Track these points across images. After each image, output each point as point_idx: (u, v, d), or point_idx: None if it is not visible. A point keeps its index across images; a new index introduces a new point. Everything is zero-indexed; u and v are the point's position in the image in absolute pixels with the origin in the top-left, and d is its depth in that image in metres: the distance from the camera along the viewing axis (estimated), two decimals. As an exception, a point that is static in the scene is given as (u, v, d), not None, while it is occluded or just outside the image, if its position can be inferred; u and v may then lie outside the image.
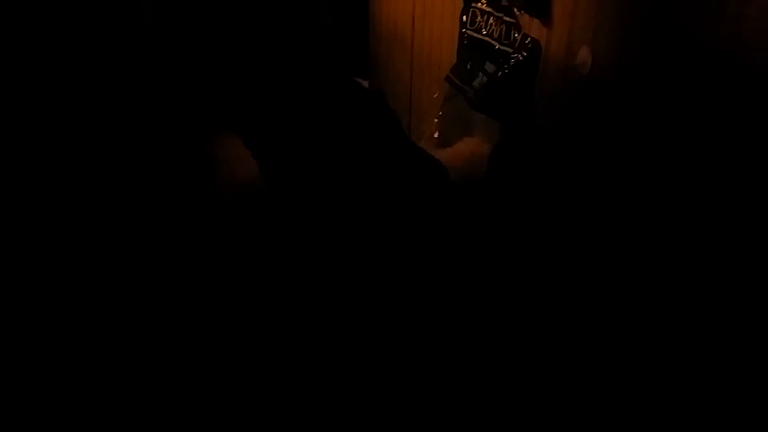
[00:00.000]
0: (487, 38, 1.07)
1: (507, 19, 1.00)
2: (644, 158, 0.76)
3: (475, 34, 1.10)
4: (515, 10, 0.98)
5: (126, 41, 0.67)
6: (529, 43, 0.95)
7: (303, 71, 0.75)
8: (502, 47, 1.02)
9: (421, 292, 0.75)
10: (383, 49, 1.71)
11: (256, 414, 0.60)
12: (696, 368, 0.71)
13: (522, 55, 0.95)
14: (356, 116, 0.78)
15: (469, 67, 1.11)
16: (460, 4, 1.13)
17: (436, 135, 1.17)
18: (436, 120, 1.18)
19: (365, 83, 1.74)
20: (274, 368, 0.62)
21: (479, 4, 1.08)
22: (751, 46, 0.59)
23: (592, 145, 0.85)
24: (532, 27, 0.95)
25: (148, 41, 0.69)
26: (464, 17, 1.12)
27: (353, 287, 0.69)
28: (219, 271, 0.60)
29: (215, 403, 0.58)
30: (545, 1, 0.90)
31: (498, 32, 1.03)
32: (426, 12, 1.39)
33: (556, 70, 0.90)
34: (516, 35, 0.98)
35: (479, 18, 1.09)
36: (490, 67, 1.05)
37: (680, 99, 0.70)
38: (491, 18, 1.05)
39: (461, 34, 1.14)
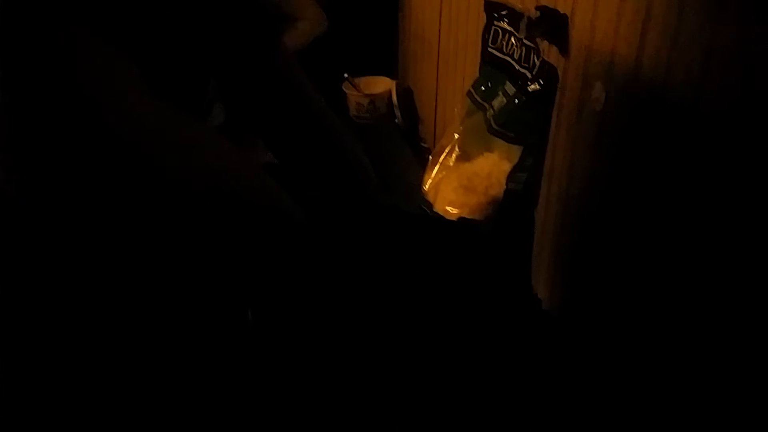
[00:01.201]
0: (507, 58, 1.07)
1: (527, 42, 1.01)
2: (655, 197, 0.77)
3: (496, 53, 1.10)
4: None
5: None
6: (547, 70, 0.95)
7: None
8: (522, 69, 1.02)
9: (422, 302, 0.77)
10: (411, 50, 1.72)
11: (256, 414, 0.63)
12: (697, 369, 0.73)
13: (539, 83, 0.96)
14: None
15: (489, 85, 1.12)
16: (484, 18, 1.13)
17: (456, 150, 1.18)
18: (457, 135, 1.19)
19: (394, 82, 1.75)
20: (274, 368, 0.65)
21: (502, 23, 1.08)
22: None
23: (606, 179, 0.86)
24: (551, 54, 0.95)
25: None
26: (486, 35, 1.12)
27: (352, 289, 0.71)
28: (220, 270, 0.61)
29: (215, 403, 0.61)
30: (562, 30, 0.90)
31: (518, 54, 1.04)
32: (452, 19, 1.40)
33: (571, 101, 0.91)
34: (536, 60, 0.99)
35: (501, 37, 1.09)
36: (509, 87, 1.05)
37: (687, 146, 0.70)
38: (512, 38, 1.06)
39: (483, 50, 1.14)
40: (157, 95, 0.50)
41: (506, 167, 1.07)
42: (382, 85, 1.76)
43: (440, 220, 0.91)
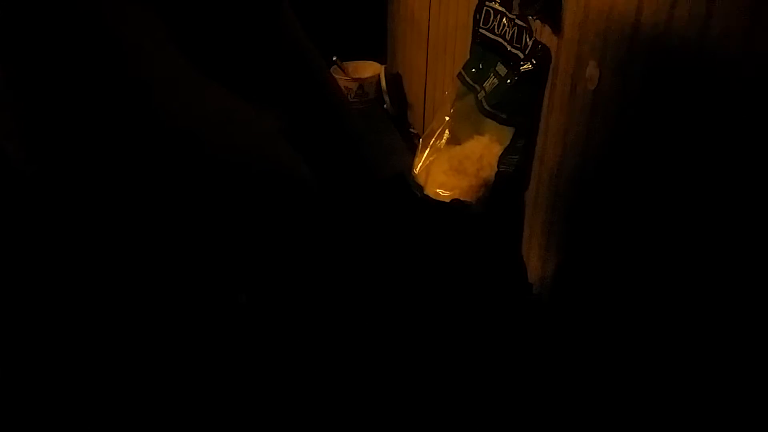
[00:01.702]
0: (499, 38, 1.06)
1: (519, 22, 0.99)
2: (648, 178, 0.76)
3: (487, 34, 1.09)
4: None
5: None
6: (539, 50, 0.94)
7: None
8: (514, 49, 1.01)
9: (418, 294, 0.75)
10: (401, 34, 1.70)
11: (256, 414, 0.61)
12: (697, 369, 0.73)
13: (532, 63, 0.95)
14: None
15: (480, 66, 1.10)
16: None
17: (446, 133, 1.17)
18: (447, 118, 1.17)
19: (382, 68, 1.73)
20: (274, 368, 0.64)
21: (493, 4, 1.07)
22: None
23: (598, 159, 0.85)
24: (544, 34, 0.94)
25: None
26: (477, 15, 1.11)
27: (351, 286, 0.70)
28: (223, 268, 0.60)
29: (215, 403, 0.60)
30: (556, 9, 0.89)
31: (510, 34, 1.03)
32: (442, 1, 1.38)
33: (564, 81, 0.90)
34: (528, 40, 0.97)
35: (492, 17, 1.07)
36: (501, 68, 1.04)
37: (685, 119, 0.70)
38: (504, 18, 1.04)
39: (474, 31, 1.13)
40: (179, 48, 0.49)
41: (497, 150, 1.06)
42: (370, 69, 1.74)
43: (431, 201, 0.90)
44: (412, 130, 1.68)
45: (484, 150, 1.08)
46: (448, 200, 1.04)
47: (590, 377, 0.92)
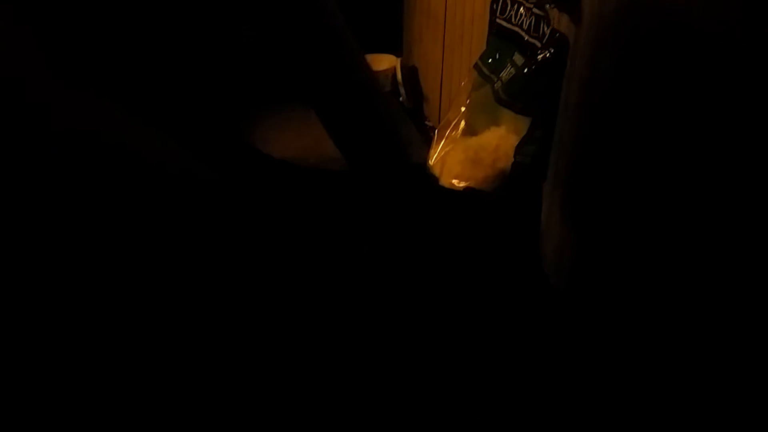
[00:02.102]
0: (516, 28, 1.05)
1: (536, 11, 0.99)
2: (669, 169, 0.75)
3: (504, 24, 1.08)
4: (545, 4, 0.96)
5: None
6: (557, 39, 0.93)
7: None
8: (531, 39, 1.01)
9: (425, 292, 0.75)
10: (416, 26, 1.69)
11: (256, 414, 0.61)
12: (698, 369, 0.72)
13: (549, 51, 0.94)
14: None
15: (497, 56, 1.10)
16: (492, -12, 1.11)
17: (462, 124, 1.16)
18: (463, 108, 1.17)
19: (398, 60, 1.73)
20: (274, 368, 0.64)
21: (510, -7, 1.06)
22: None
23: (617, 149, 0.84)
24: (561, 22, 0.93)
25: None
26: (494, 5, 1.10)
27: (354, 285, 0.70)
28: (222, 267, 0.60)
29: (215, 403, 0.60)
30: (574, -3, 0.88)
31: (528, 23, 1.02)
32: (459, -8, 1.37)
33: (582, 70, 0.89)
34: (545, 29, 0.97)
35: (509, 7, 1.07)
36: (518, 58, 1.03)
37: (708, 105, 0.69)
38: (521, 8, 1.04)
39: (491, 21, 1.12)
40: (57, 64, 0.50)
41: (514, 140, 1.05)
42: (386, 62, 1.74)
43: (448, 189, 0.89)
44: (427, 123, 1.68)
45: (501, 140, 1.07)
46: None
47: (606, 368, 0.91)
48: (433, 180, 1.15)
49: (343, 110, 0.76)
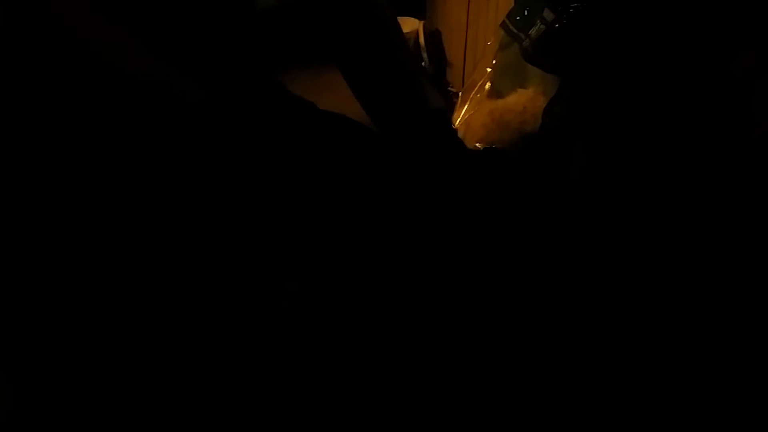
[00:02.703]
0: (546, -18, 1.00)
1: (569, -38, 0.93)
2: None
3: (534, -22, 1.03)
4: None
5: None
6: (591, -9, 0.87)
7: None
8: (563, -7, 0.95)
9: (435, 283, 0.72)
10: (440, -13, 1.64)
11: (256, 414, 0.59)
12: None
13: (582, 5, 0.88)
14: None
15: (526, 13, 1.04)
16: (521, -57, 1.06)
17: (487, 85, 1.12)
18: (489, 69, 1.12)
19: (420, 23, 1.68)
20: (274, 368, 0.61)
21: (540, -55, 1.00)
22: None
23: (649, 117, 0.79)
24: (596, -27, 0.87)
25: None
26: (524, -42, 1.04)
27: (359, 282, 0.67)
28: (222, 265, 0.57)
29: (215, 403, 0.57)
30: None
31: (559, -24, 0.96)
32: (485, -51, 1.32)
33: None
34: (578, -19, 0.91)
35: (540, -40, 1.01)
36: (548, 14, 0.98)
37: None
38: (552, -40, 0.98)
39: (520, -24, 1.07)
40: None
41: (542, 102, 1.01)
42: (408, 25, 1.68)
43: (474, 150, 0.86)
44: (450, 89, 1.63)
45: (528, 102, 1.03)
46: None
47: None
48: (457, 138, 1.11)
49: (372, 69, 0.74)
